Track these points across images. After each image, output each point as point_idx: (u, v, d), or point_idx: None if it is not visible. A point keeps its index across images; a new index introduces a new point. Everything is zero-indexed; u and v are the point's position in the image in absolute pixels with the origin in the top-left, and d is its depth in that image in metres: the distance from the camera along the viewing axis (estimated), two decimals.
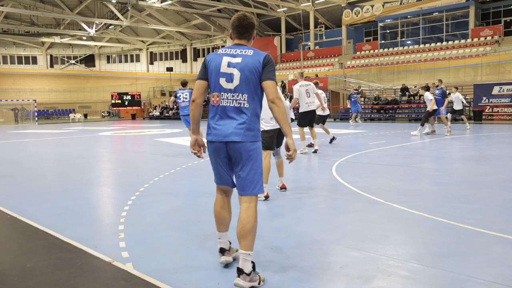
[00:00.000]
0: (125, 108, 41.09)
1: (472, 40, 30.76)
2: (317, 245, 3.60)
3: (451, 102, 15.76)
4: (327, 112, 11.54)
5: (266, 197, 5.25)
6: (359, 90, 26.83)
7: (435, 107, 13.85)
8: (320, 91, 10.94)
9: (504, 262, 3.14)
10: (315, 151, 9.72)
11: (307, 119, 9.73)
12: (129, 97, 40.95)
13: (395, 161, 8.57)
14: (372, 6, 36.85)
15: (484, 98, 21.09)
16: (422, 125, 14.19)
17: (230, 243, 3.27)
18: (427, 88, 14.53)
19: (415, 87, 24.59)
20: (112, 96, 41.53)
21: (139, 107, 41.89)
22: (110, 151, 12.01)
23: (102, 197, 6.00)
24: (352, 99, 20.93)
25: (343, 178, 6.45)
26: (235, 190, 3.10)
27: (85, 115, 44.48)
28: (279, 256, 3.37)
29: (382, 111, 24.76)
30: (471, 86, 22.29)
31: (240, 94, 2.87)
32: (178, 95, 10.30)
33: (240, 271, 2.78)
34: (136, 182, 6.83)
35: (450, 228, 3.96)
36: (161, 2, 37.49)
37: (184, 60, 52.23)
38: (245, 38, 2.99)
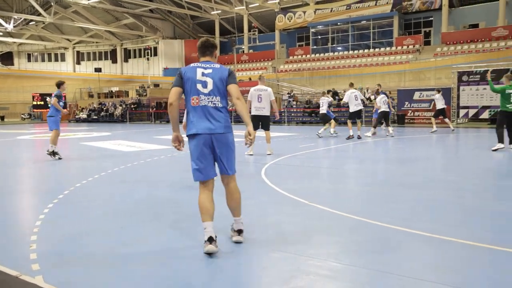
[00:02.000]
0: (48, 110, 38.66)
1: (396, 48, 32.74)
2: (240, 248, 3.58)
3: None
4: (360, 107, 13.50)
5: None
6: (291, 94, 27.44)
7: (385, 109, 14.55)
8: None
9: (416, 257, 3.32)
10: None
11: (258, 123, 9.83)
12: None
13: (322, 163, 8.84)
14: (304, 12, 37.98)
15: (407, 103, 22.45)
16: (375, 126, 14.89)
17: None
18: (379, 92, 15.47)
19: (344, 91, 25.61)
20: (33, 97, 38.87)
21: (65, 109, 39.62)
22: (29, 156, 11.24)
23: (16, 206, 5.57)
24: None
25: (271, 181, 6.52)
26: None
27: (2, 118, 41.17)
28: (203, 258, 3.32)
29: (313, 114, 25.49)
30: (395, 91, 23.66)
31: (214, 97, 3.58)
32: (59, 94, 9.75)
33: (240, 231, 3.68)
34: (56, 188, 6.42)
35: (369, 227, 4.12)
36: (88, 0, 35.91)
37: (114, 60, 50.30)
38: (208, 55, 3.77)
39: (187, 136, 3.62)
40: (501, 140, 9.87)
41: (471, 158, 9.38)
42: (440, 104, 16.29)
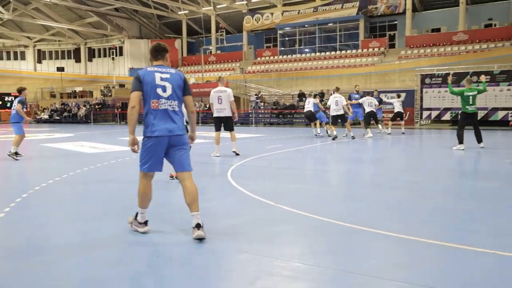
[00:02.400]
0: (6, 110, 36.89)
1: (362, 50, 33.37)
2: (203, 248, 3.53)
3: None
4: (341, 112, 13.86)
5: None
6: (259, 95, 27.47)
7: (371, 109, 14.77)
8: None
9: (381, 257, 3.36)
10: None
11: (220, 124, 9.75)
12: (11, 98, 36.94)
13: (289, 164, 8.86)
14: (272, 14, 38.16)
15: None
16: (366, 127, 15.13)
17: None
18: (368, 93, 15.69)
19: (311, 93, 25.87)
20: None
21: (29, 117, 37.96)
22: None
23: None
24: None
25: (237, 182, 6.47)
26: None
27: None
28: (164, 259, 3.23)
29: (281, 115, 25.63)
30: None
31: (173, 101, 3.83)
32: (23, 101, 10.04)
33: (198, 226, 3.69)
34: (14, 191, 6.16)
35: (334, 227, 4.14)
36: None
37: (78, 60, 48.77)
38: (160, 59, 3.98)
39: (146, 136, 3.80)
40: (461, 141, 10.27)
41: (435, 159, 9.63)
42: (398, 107, 16.79)
